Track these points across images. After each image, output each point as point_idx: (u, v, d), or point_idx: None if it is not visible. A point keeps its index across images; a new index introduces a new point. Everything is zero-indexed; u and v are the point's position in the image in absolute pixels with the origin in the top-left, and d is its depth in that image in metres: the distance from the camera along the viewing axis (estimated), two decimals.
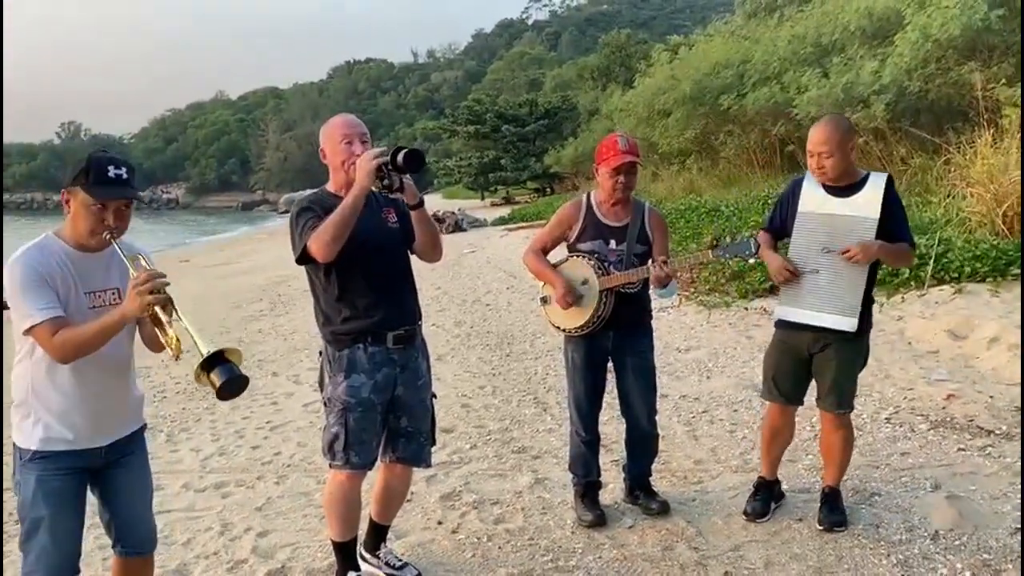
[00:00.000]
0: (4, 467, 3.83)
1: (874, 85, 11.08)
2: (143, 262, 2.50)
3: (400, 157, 2.77)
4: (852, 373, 3.44)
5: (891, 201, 3.31)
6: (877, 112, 10.86)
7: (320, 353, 3.15)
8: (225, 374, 2.25)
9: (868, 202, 3.30)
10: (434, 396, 3.27)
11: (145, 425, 2.77)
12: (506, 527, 3.73)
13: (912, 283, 7.02)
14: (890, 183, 3.34)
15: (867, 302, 3.35)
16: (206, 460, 5.08)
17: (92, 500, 2.64)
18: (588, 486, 3.76)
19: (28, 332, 2.36)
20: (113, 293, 2.52)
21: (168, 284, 2.32)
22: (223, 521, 4.08)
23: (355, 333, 3.00)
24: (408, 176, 2.87)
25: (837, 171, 3.30)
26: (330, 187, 3.08)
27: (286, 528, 3.93)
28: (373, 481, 3.31)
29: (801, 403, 3.62)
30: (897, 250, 3.33)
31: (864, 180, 3.34)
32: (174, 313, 2.33)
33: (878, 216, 3.27)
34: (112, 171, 2.41)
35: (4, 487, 3.73)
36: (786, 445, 3.73)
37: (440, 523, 3.83)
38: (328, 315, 3.05)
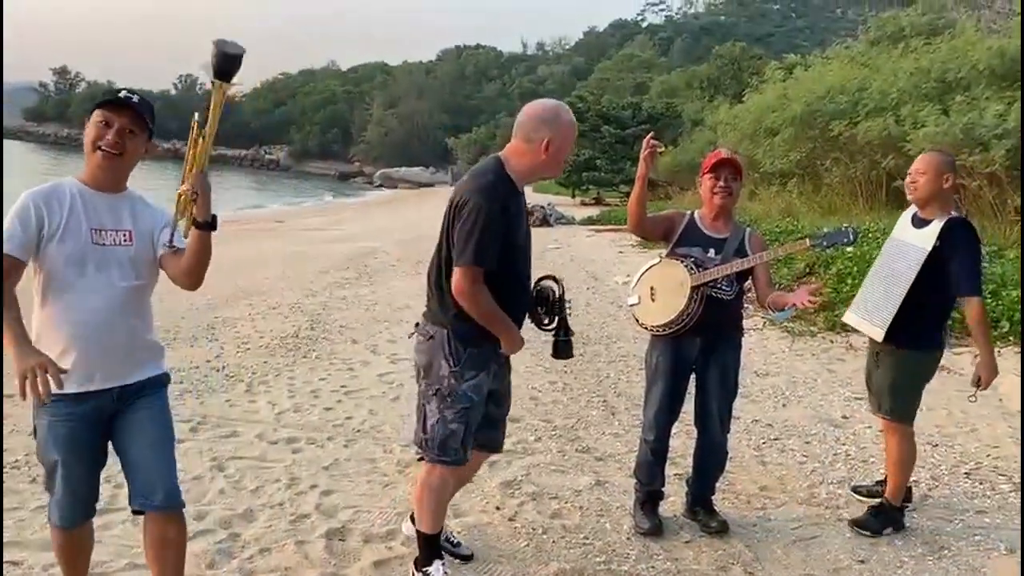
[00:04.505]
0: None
1: (997, 128, 10.60)
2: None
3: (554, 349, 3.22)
4: (889, 382, 3.63)
5: (955, 242, 3.41)
6: (996, 156, 10.38)
7: (430, 337, 2.96)
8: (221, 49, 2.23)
9: (928, 235, 3.47)
10: None
11: (166, 376, 2.63)
12: (562, 523, 3.76)
13: (1011, 338, 6.72)
14: (959, 223, 3.46)
15: (915, 319, 3.48)
16: (280, 414, 5.27)
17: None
18: (650, 494, 3.75)
19: None
20: (125, 235, 2.46)
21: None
22: (291, 475, 4.22)
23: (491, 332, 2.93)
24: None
25: (925, 192, 3.50)
26: (515, 169, 2.89)
27: (350, 490, 4.05)
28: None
29: None
30: (980, 336, 3.44)
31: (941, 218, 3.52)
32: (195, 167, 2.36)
33: (928, 249, 3.43)
34: (124, 93, 2.42)
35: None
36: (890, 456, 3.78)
37: (498, 508, 3.89)
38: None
